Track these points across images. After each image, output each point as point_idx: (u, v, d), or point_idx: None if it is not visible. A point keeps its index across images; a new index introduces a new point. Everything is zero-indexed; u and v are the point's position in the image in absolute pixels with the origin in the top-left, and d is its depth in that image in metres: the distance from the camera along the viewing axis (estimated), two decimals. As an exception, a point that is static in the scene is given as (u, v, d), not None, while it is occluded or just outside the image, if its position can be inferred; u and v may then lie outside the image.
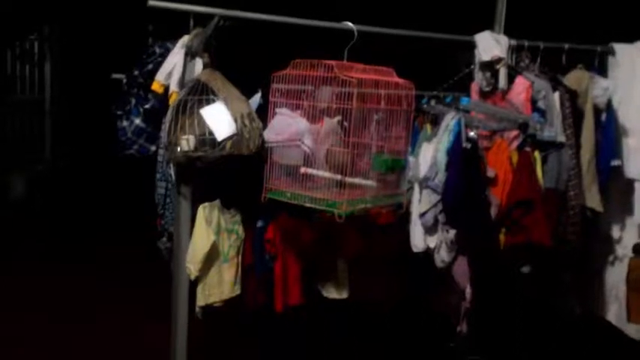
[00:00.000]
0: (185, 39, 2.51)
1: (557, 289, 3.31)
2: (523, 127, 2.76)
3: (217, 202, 2.57)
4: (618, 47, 3.23)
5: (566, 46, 3.13)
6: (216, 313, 2.65)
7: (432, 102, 2.85)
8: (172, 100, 2.44)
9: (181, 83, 2.49)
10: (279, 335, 3.78)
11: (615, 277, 3.26)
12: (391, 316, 4.06)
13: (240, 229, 2.64)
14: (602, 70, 3.22)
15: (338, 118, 2.32)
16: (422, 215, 2.71)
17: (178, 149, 2.33)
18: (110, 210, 6.67)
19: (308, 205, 2.29)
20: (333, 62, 2.29)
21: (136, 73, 2.73)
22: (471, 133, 2.62)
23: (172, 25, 2.58)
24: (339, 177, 2.29)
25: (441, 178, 2.64)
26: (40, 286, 4.75)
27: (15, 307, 4.34)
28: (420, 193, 2.72)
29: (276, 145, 2.38)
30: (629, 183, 3.15)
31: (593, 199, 3.00)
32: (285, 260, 2.65)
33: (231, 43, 2.60)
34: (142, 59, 2.70)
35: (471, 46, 2.97)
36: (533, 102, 2.88)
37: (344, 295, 2.84)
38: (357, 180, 2.33)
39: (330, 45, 2.56)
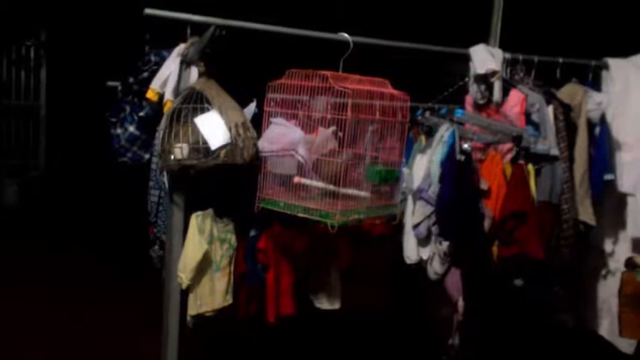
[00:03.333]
0: (181, 47, 2.51)
1: (549, 303, 3.31)
2: (517, 139, 2.76)
3: (210, 210, 2.57)
4: (612, 62, 3.25)
5: (561, 60, 3.14)
6: (208, 322, 2.63)
7: (427, 114, 2.86)
8: (167, 109, 2.45)
9: (176, 92, 2.49)
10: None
11: (608, 291, 3.26)
12: (383, 327, 4.06)
13: (232, 238, 2.63)
14: (596, 85, 3.24)
15: (333, 128, 2.32)
16: (415, 227, 2.71)
17: (172, 157, 2.33)
18: (104, 217, 6.64)
19: (301, 215, 2.29)
20: (328, 73, 2.29)
21: (131, 80, 2.73)
22: (465, 145, 2.62)
23: (169, 34, 2.58)
24: (332, 187, 2.29)
25: (434, 189, 2.64)
26: (34, 289, 4.72)
27: (13, 307, 4.32)
28: (414, 204, 2.72)
29: (270, 154, 2.38)
30: (622, 197, 3.16)
31: (586, 213, 3.00)
32: (278, 270, 2.64)
33: (227, 53, 2.60)
34: (138, 67, 2.71)
35: (466, 58, 2.98)
36: (527, 115, 2.89)
37: (336, 305, 2.83)
38: (350, 190, 2.33)
39: (327, 55, 2.57)
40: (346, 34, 2.62)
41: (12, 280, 4.86)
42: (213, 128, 2.30)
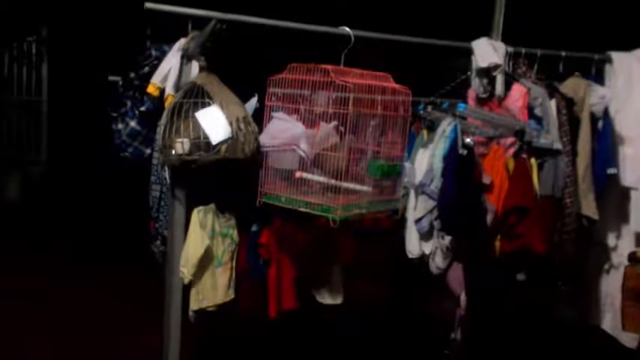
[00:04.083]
0: (182, 42, 2.51)
1: (552, 297, 3.30)
2: (519, 133, 2.75)
3: (212, 206, 2.56)
4: (616, 55, 3.23)
5: (564, 53, 3.13)
6: (210, 317, 2.63)
7: (429, 108, 2.85)
8: (168, 103, 2.44)
9: (177, 86, 2.48)
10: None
11: (610, 285, 3.25)
12: (385, 322, 4.06)
13: (234, 233, 2.63)
14: (600, 78, 3.22)
15: (334, 123, 2.31)
16: (417, 221, 2.70)
17: (173, 152, 2.32)
18: (105, 212, 6.64)
19: (303, 209, 2.28)
20: (329, 67, 2.28)
21: (132, 75, 2.72)
22: (468, 140, 2.61)
23: (170, 28, 2.57)
24: (334, 182, 2.28)
25: (436, 184, 2.64)
26: (31, 286, 4.73)
27: (12, 306, 4.33)
28: (416, 199, 2.71)
29: (272, 149, 2.37)
30: (625, 191, 3.15)
31: (589, 207, 2.99)
32: (280, 265, 2.64)
33: (228, 47, 2.59)
34: (139, 62, 2.70)
35: (469, 52, 2.97)
36: (530, 109, 2.88)
37: (338, 300, 2.83)
38: (352, 185, 2.32)
39: (329, 49, 2.56)
40: (347, 28, 2.61)
41: (11, 277, 4.86)
42: (214, 123, 2.29)
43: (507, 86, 2.92)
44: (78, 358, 3.75)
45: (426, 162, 2.71)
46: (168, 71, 2.49)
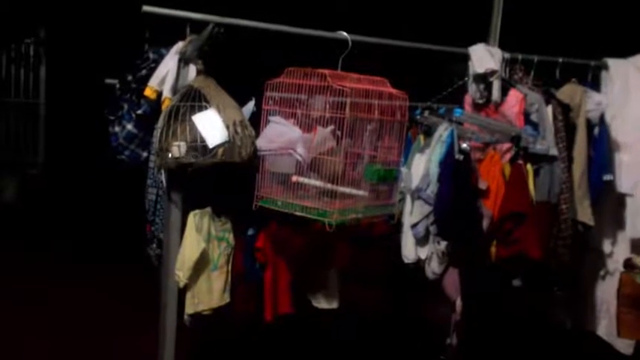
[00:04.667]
0: (180, 45, 2.51)
1: (547, 303, 3.30)
2: (516, 139, 2.76)
3: (208, 209, 2.56)
4: (612, 62, 3.24)
5: (560, 59, 3.14)
6: (205, 321, 2.63)
7: (426, 113, 2.85)
8: (165, 106, 2.44)
9: (174, 89, 2.48)
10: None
11: (606, 291, 3.26)
12: (381, 327, 4.06)
13: (230, 237, 2.63)
14: (596, 85, 3.23)
15: (331, 127, 2.31)
16: (413, 226, 2.70)
17: (170, 155, 2.32)
18: (103, 212, 6.63)
19: (299, 213, 2.29)
20: (326, 71, 2.28)
21: (130, 78, 2.72)
22: (464, 145, 2.61)
23: (168, 31, 2.57)
24: (330, 186, 2.28)
25: (433, 189, 2.64)
26: (30, 287, 4.71)
27: (11, 308, 4.32)
28: (412, 204, 2.71)
29: (269, 153, 2.37)
30: (621, 197, 3.16)
31: (585, 213, 3.00)
32: (276, 269, 2.64)
33: (226, 50, 2.59)
34: (136, 65, 2.70)
35: (466, 58, 2.98)
36: (526, 115, 2.89)
37: (334, 305, 2.82)
38: (348, 190, 2.32)
39: (327, 53, 2.56)
40: (345, 33, 2.62)
41: (9, 278, 4.85)
42: (210, 126, 2.29)
43: (504, 92, 2.93)
44: (76, 358, 3.74)
45: (422, 167, 2.71)
46: (166, 74, 2.50)
